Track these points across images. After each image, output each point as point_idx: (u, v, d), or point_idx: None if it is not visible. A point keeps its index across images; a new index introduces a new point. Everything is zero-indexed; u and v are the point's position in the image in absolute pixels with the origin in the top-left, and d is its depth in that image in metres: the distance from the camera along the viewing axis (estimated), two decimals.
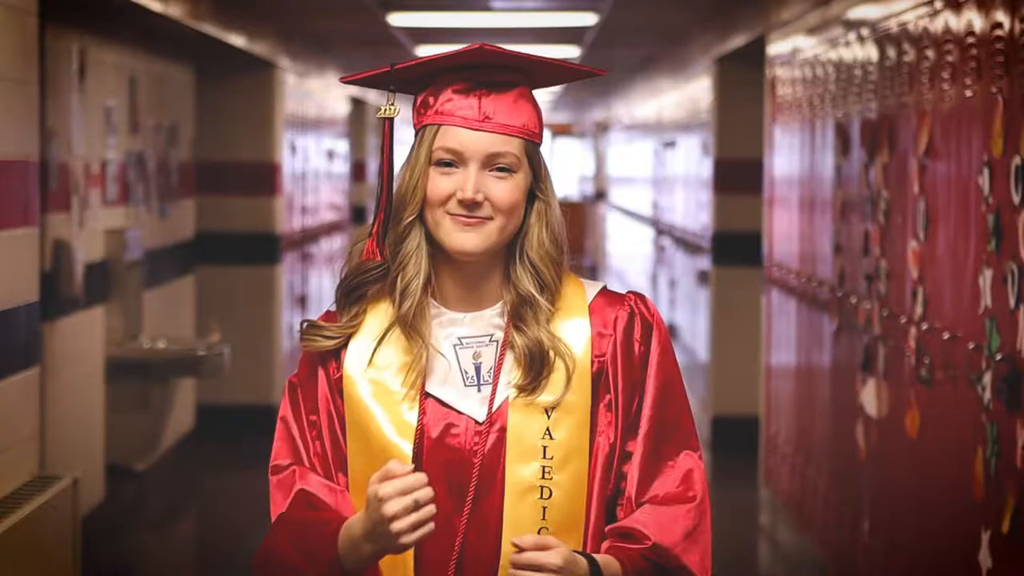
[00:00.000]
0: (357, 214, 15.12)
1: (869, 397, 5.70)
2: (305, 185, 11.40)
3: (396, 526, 2.15)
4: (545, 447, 2.31)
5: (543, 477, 2.31)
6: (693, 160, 10.91)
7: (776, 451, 7.71)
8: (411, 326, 2.33)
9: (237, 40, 8.68)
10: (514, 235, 2.34)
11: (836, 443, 6.35)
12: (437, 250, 2.34)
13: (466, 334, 2.36)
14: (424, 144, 2.32)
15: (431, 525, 2.16)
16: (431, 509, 2.16)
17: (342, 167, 13.66)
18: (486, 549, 2.31)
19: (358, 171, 15.37)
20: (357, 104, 15.17)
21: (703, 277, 10.16)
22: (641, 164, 15.19)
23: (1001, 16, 4.26)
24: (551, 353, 2.32)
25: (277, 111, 10.03)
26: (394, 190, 2.35)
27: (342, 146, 13.62)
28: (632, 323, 2.38)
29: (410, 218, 2.33)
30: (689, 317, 11.07)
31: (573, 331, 2.35)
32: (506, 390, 2.33)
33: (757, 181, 8.57)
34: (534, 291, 2.34)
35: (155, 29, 7.91)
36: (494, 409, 2.32)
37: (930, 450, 4.95)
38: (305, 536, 2.30)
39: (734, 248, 9.51)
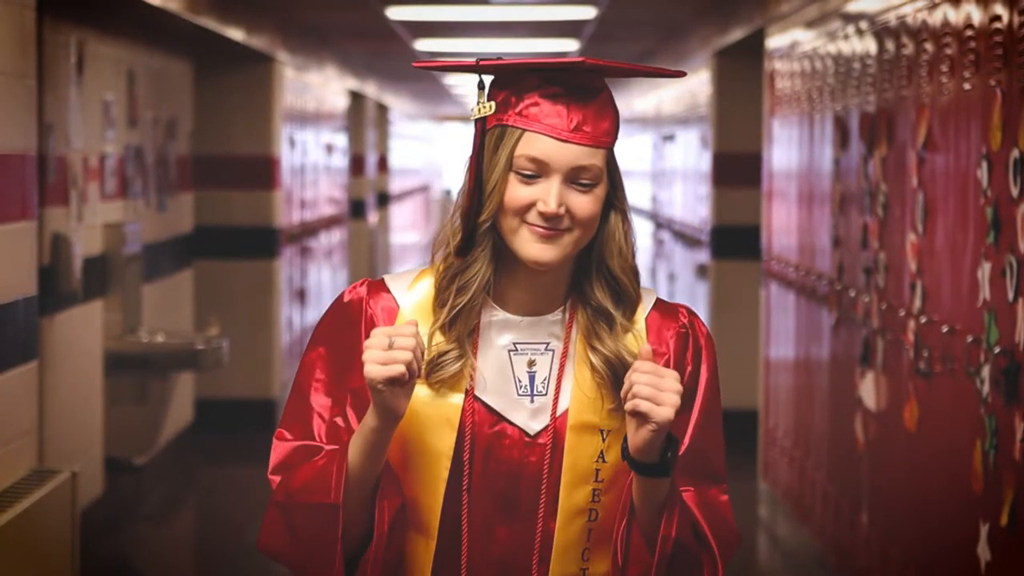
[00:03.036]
0: (356, 208, 15.11)
1: (868, 390, 5.70)
2: (304, 179, 11.39)
3: (365, 356, 2.10)
4: (598, 470, 2.24)
5: (592, 500, 2.24)
6: (692, 153, 10.91)
7: (775, 444, 7.71)
8: (462, 322, 2.24)
9: (236, 33, 8.67)
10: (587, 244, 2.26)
11: (835, 436, 6.36)
12: (504, 252, 2.25)
13: (522, 340, 2.28)
14: (504, 148, 2.21)
15: (400, 367, 2.09)
16: (403, 354, 2.09)
17: (341, 161, 13.66)
18: (523, 560, 2.25)
19: (357, 165, 15.36)
20: (356, 98, 15.15)
21: (702, 270, 10.16)
22: (640, 158, 15.19)
23: (1000, 9, 4.26)
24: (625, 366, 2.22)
25: (276, 105, 10.02)
26: (464, 188, 2.25)
27: (341, 140, 13.62)
28: (685, 343, 2.30)
29: (488, 222, 2.23)
30: None
31: (634, 348, 2.27)
32: (563, 405, 2.25)
33: (756, 174, 8.57)
34: (610, 306, 2.26)
35: (153, 22, 7.90)
36: (547, 425, 2.25)
37: (929, 443, 4.95)
38: (314, 464, 2.21)
39: (733, 241, 9.51)
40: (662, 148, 13.19)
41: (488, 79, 2.26)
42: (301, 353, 10.66)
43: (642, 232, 14.83)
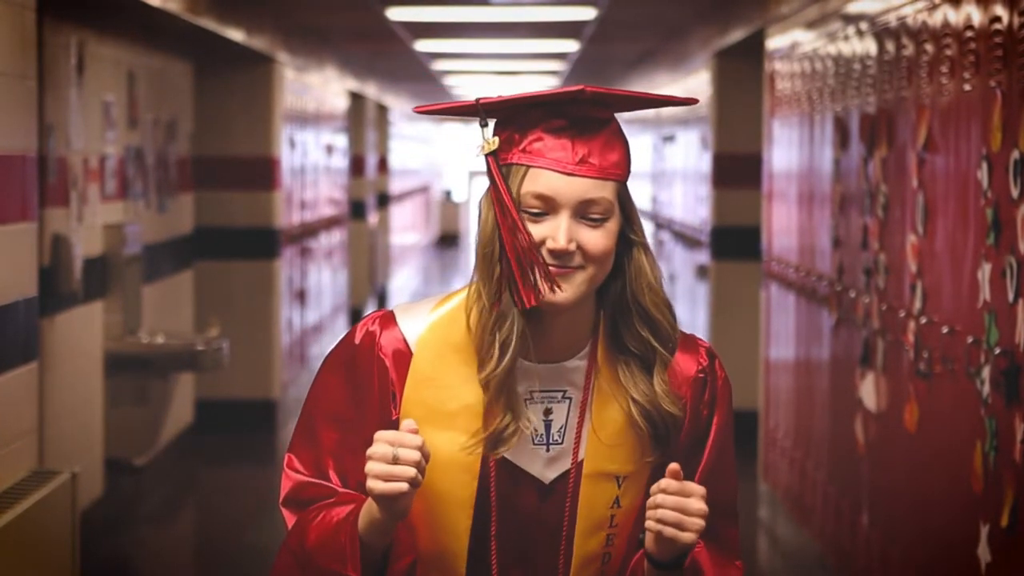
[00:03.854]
0: (356, 209, 15.11)
1: (868, 391, 5.70)
2: (304, 179, 11.39)
3: (368, 467, 2.05)
4: (612, 515, 2.21)
5: (607, 545, 2.22)
6: (692, 154, 10.91)
7: (775, 445, 7.71)
8: (504, 386, 2.16)
9: (236, 34, 8.67)
10: (601, 283, 2.19)
11: (835, 437, 6.36)
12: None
13: (538, 388, 2.21)
14: (511, 187, 2.14)
15: (404, 486, 2.04)
16: (407, 471, 2.04)
17: (341, 161, 13.66)
18: None
19: (357, 165, 15.36)
20: (356, 99, 15.15)
21: (702, 271, 10.16)
22: (640, 158, 15.19)
23: (1000, 10, 4.26)
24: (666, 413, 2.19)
25: (276, 105, 10.02)
26: (480, 234, 2.18)
27: (341, 140, 13.62)
28: (704, 386, 2.26)
29: (500, 267, 2.14)
30: (688, 311, 11.07)
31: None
32: (581, 454, 2.20)
33: (756, 175, 8.57)
34: (654, 341, 2.20)
35: (154, 23, 7.90)
36: (563, 473, 2.21)
37: (929, 444, 4.95)
38: (327, 522, 2.17)
39: (733, 242, 9.51)
40: (662, 149, 13.19)
41: (493, 120, 2.20)
42: (301, 355, 10.61)
43: None
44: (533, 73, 15.63)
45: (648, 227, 14.15)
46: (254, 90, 9.94)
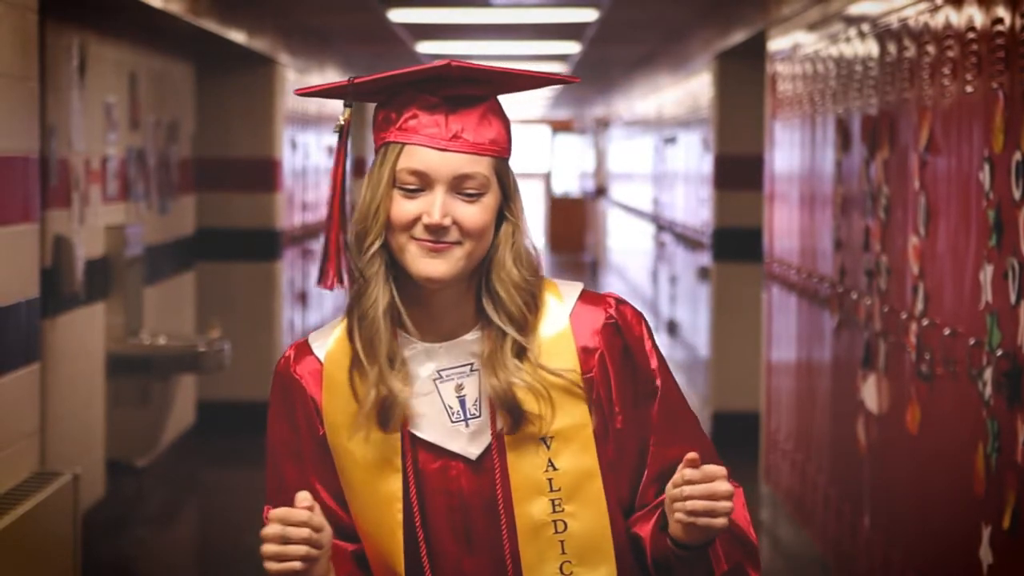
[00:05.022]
0: None
1: (870, 393, 5.70)
2: (305, 181, 11.40)
3: (263, 548, 2.07)
4: (550, 479, 2.18)
5: (554, 511, 2.19)
6: (693, 156, 10.91)
7: (777, 447, 7.71)
8: (374, 350, 2.18)
9: (237, 36, 8.67)
10: (483, 258, 2.20)
11: (837, 439, 6.35)
12: (405, 278, 2.20)
13: (445, 365, 2.21)
14: (387, 164, 2.18)
15: (296, 564, 2.05)
16: (297, 549, 2.05)
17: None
18: None
19: (359, 167, 15.36)
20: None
21: (704, 273, 10.16)
22: (641, 160, 15.18)
23: (1002, 12, 4.26)
24: (525, 391, 2.17)
25: (277, 107, 10.02)
26: (356, 212, 2.20)
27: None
28: (616, 334, 2.24)
29: (375, 244, 2.18)
30: (690, 313, 11.07)
31: (557, 351, 2.21)
32: (498, 424, 2.19)
33: (757, 177, 8.57)
34: (501, 323, 2.19)
35: (155, 25, 7.90)
36: (488, 446, 2.19)
37: (931, 446, 4.95)
38: None
39: (734, 244, 9.51)
40: (663, 151, 13.19)
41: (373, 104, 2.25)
42: None
43: (644, 235, 14.83)
44: None
45: (650, 229, 14.15)
46: (255, 92, 9.94)
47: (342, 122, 2.24)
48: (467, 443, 2.20)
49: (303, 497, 2.08)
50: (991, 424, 4.25)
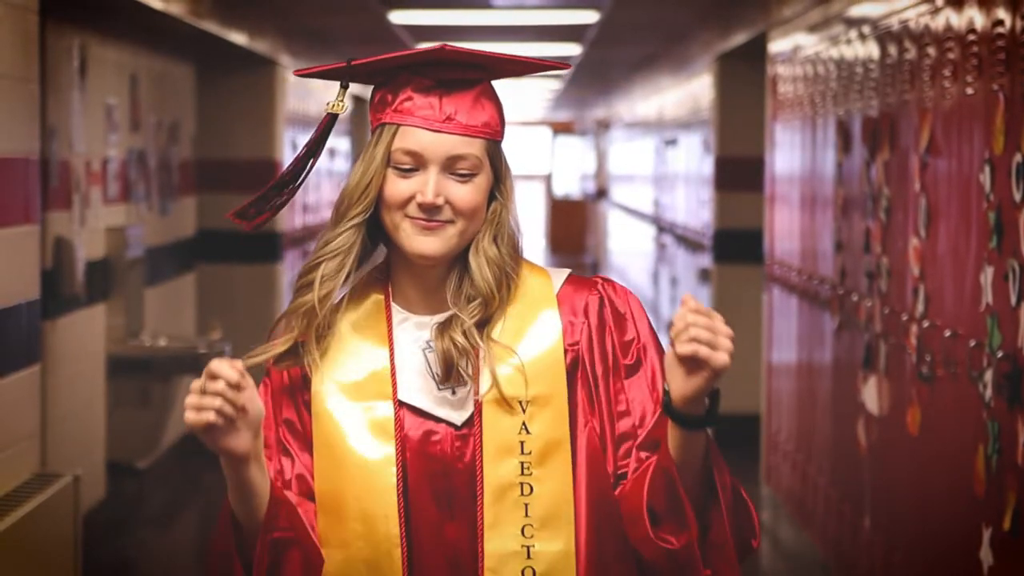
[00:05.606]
0: None
1: (870, 394, 5.70)
2: (306, 183, 11.38)
3: (186, 400, 2.10)
4: (523, 442, 2.23)
5: (522, 473, 2.22)
6: (694, 157, 10.91)
7: (777, 448, 7.71)
8: (306, 318, 2.25)
9: (238, 37, 8.68)
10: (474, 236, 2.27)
11: (837, 440, 6.35)
12: (398, 253, 2.28)
13: (433, 336, 2.27)
14: (381, 144, 2.27)
15: (210, 415, 2.08)
16: (213, 400, 2.08)
17: (344, 165, 13.67)
18: (472, 555, 2.23)
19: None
20: (359, 102, 15.16)
21: (704, 275, 10.16)
22: (642, 162, 15.19)
23: (1002, 13, 4.26)
24: (464, 361, 2.24)
25: (278, 109, 10.03)
26: (345, 186, 2.30)
27: (343, 144, 13.62)
28: (603, 308, 2.30)
29: (358, 218, 2.26)
30: None
31: (542, 322, 2.27)
32: (483, 390, 2.24)
33: (758, 179, 8.57)
34: (459, 299, 2.26)
35: (156, 26, 7.90)
36: (472, 412, 2.25)
37: (931, 447, 4.95)
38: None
39: (735, 245, 9.51)
40: (664, 152, 13.19)
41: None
42: None
43: (644, 236, 14.84)
44: (535, 76, 15.63)
45: (650, 231, 14.15)
46: (256, 93, 9.95)
47: (332, 108, 2.36)
48: (451, 410, 2.25)
49: (237, 363, 2.12)
50: (991, 426, 4.25)
